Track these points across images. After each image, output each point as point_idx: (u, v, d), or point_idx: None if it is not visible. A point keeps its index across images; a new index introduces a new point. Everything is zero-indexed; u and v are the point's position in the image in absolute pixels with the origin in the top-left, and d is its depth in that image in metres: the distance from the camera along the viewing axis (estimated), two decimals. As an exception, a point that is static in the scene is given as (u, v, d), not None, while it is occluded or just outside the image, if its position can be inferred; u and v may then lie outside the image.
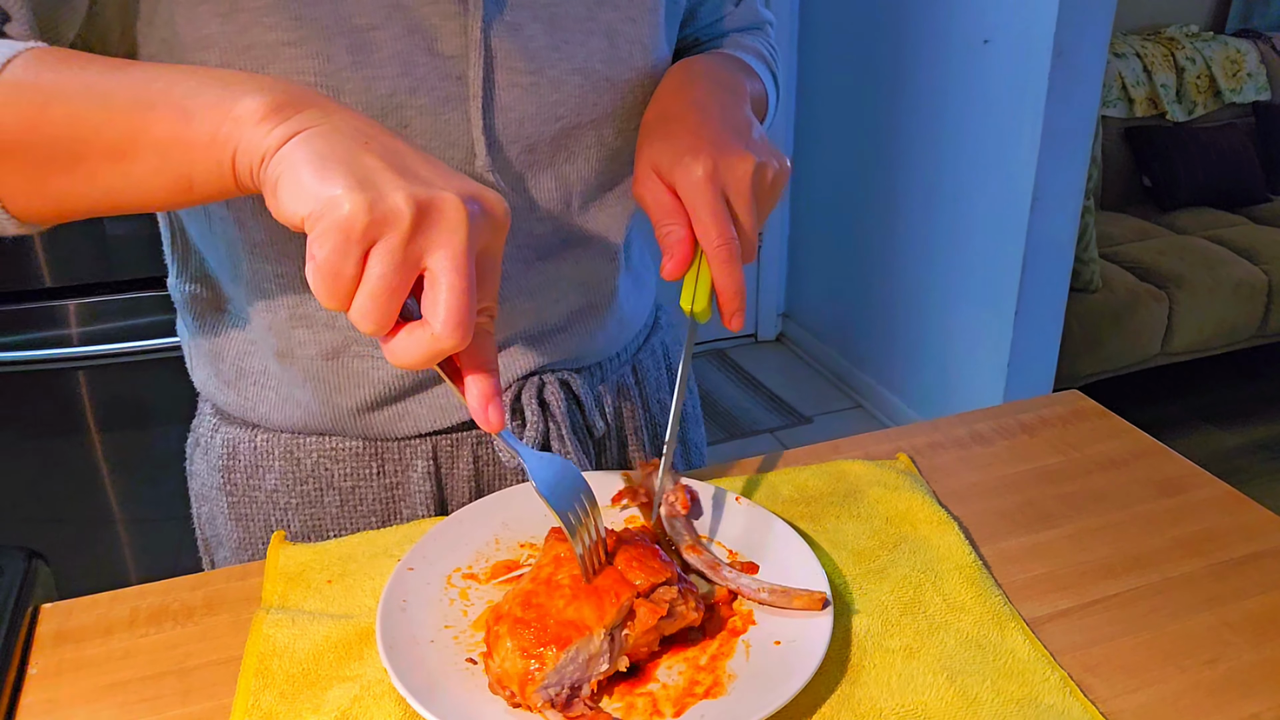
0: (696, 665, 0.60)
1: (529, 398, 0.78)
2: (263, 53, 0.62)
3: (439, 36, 0.65)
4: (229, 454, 0.81)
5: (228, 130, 0.48)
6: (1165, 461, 0.83)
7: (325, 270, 0.46)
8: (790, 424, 3.10)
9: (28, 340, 1.69)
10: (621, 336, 0.86)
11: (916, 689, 0.59)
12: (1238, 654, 0.63)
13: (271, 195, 0.47)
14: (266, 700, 0.57)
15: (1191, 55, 3.53)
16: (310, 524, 0.80)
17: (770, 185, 0.65)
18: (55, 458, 1.79)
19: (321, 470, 0.79)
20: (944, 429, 0.87)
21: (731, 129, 0.66)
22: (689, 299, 0.64)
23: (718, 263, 0.62)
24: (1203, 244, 3.20)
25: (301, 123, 0.48)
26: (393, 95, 0.64)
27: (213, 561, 0.87)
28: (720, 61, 0.77)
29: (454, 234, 0.47)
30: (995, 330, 2.59)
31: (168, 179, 0.52)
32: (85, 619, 0.66)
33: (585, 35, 0.70)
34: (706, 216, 0.62)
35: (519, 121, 0.69)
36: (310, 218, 0.46)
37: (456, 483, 0.80)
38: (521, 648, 0.55)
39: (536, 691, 0.54)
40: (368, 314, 0.47)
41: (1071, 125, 2.37)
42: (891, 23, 2.79)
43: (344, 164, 0.46)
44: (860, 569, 0.69)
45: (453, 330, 0.47)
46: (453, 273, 0.47)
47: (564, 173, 0.74)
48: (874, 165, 2.97)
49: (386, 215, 0.46)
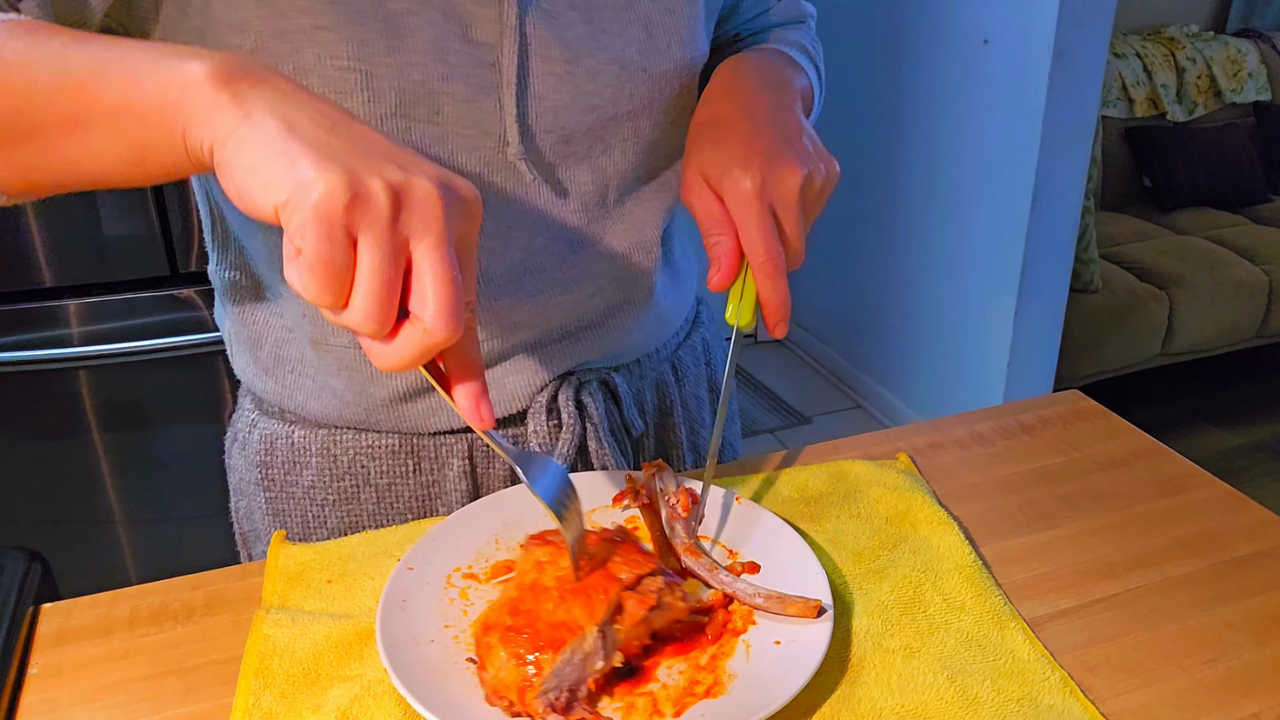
0: (697, 665, 0.60)
1: (565, 399, 0.78)
2: (297, 37, 0.61)
3: (473, 23, 0.64)
4: (266, 449, 0.81)
5: (176, 97, 0.46)
6: (1165, 462, 0.83)
7: (315, 262, 0.43)
8: (790, 424, 3.10)
9: (28, 340, 1.69)
10: (661, 333, 0.85)
11: (917, 688, 0.59)
12: (1238, 653, 0.63)
13: (233, 187, 0.45)
14: (267, 700, 0.57)
15: (1192, 55, 3.53)
16: (347, 520, 0.80)
17: (819, 193, 0.65)
18: (56, 458, 1.79)
19: (358, 467, 0.79)
20: (944, 429, 0.87)
21: (781, 137, 0.65)
22: (734, 311, 0.65)
23: (763, 277, 0.63)
24: (1203, 244, 3.19)
25: (255, 101, 0.46)
26: (425, 81, 0.64)
27: (250, 555, 0.88)
28: (768, 58, 0.76)
29: (433, 220, 0.45)
30: (995, 330, 2.59)
31: (121, 149, 0.50)
32: (85, 619, 0.66)
33: (623, 25, 0.69)
34: (754, 230, 0.62)
35: (554, 111, 0.69)
36: (284, 207, 0.43)
37: (493, 482, 0.80)
38: (516, 655, 0.54)
39: (537, 697, 0.54)
40: (370, 313, 0.44)
41: (1071, 125, 2.37)
42: (891, 23, 2.79)
43: (310, 145, 0.44)
44: (860, 569, 0.68)
45: (445, 322, 0.45)
46: (438, 261, 0.45)
47: (600, 165, 0.73)
48: (874, 165, 2.97)
49: (366, 197, 0.43)
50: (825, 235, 3.31)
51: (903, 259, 2.91)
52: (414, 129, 0.65)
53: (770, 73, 0.73)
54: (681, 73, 0.73)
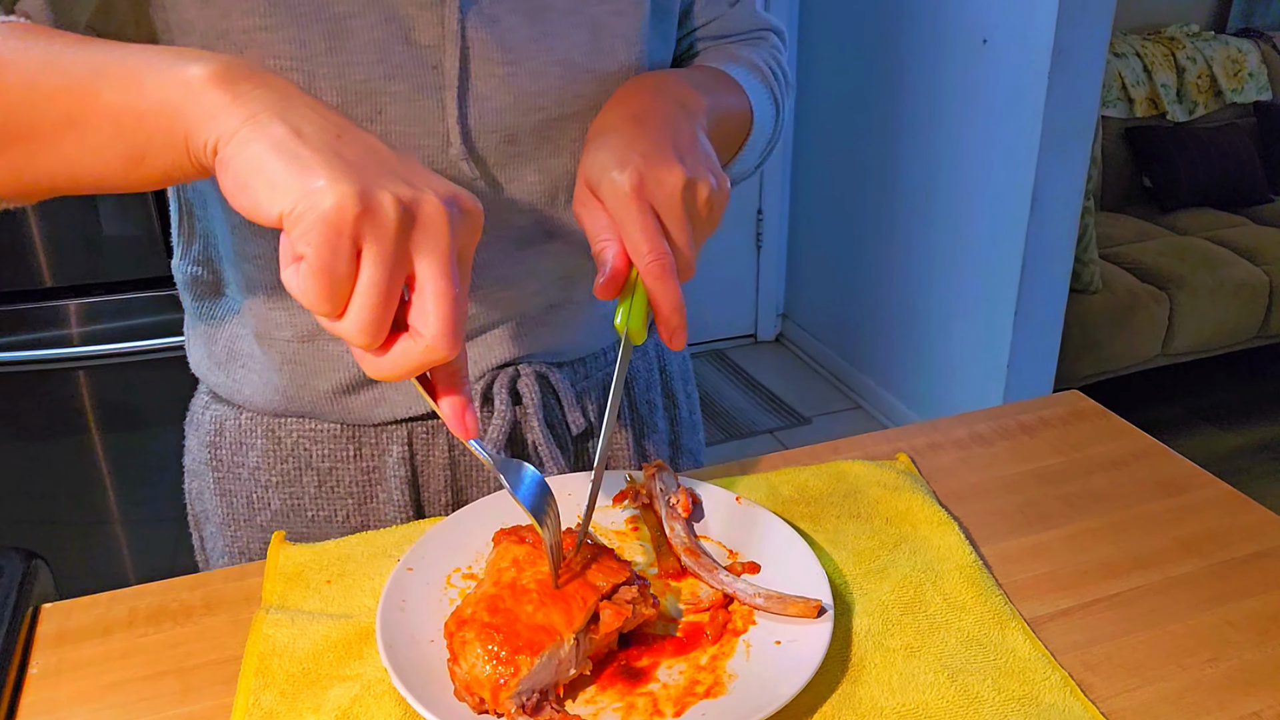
0: (697, 665, 0.60)
1: (500, 387, 0.78)
2: (240, 37, 0.63)
3: (415, 26, 0.66)
4: (216, 430, 0.82)
5: (178, 96, 0.47)
6: (1166, 462, 0.83)
7: (318, 269, 0.43)
8: (789, 424, 3.10)
9: (28, 340, 1.69)
10: (608, 334, 0.86)
11: (917, 688, 0.59)
12: (1239, 653, 0.63)
13: (233, 184, 0.45)
14: (267, 700, 0.57)
15: (1192, 55, 3.53)
16: (290, 503, 0.81)
17: (704, 205, 0.61)
18: (55, 458, 1.79)
19: (301, 450, 0.80)
20: (944, 430, 0.87)
21: (666, 141, 0.62)
22: (623, 317, 0.61)
23: (650, 277, 0.58)
24: (1203, 245, 3.19)
25: (260, 102, 0.46)
26: (367, 81, 0.65)
27: (202, 537, 0.89)
28: (683, 75, 0.74)
29: (439, 238, 0.46)
30: (995, 331, 2.59)
31: (121, 150, 0.50)
32: (85, 619, 0.66)
33: (569, 28, 0.70)
34: (634, 230, 0.59)
35: (497, 112, 0.69)
36: (291, 214, 0.43)
37: (432, 469, 0.81)
38: (493, 654, 0.54)
39: (510, 698, 0.54)
40: (364, 325, 0.45)
41: (1071, 125, 2.37)
42: (891, 23, 2.79)
43: (320, 153, 0.44)
44: (861, 569, 0.68)
45: (445, 339, 0.45)
46: (441, 279, 0.45)
47: (549, 166, 0.74)
48: (873, 165, 2.97)
49: (376, 211, 0.43)
50: (825, 235, 3.32)
51: (902, 259, 2.91)
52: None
53: (674, 88, 0.70)
54: (630, 74, 0.73)
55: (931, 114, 2.69)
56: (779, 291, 3.62)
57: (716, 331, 3.57)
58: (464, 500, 0.81)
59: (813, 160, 3.31)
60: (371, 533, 0.73)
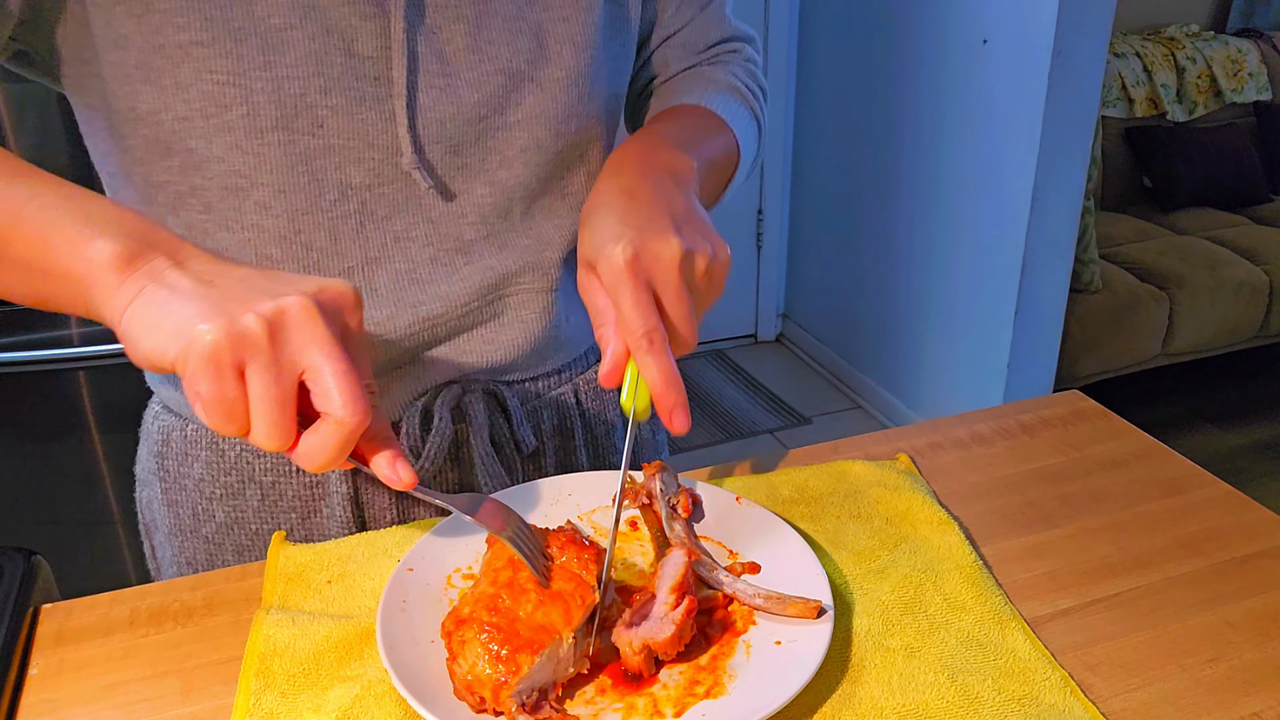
0: (697, 665, 0.60)
1: (442, 404, 0.77)
2: (175, 52, 0.63)
3: (356, 37, 0.66)
4: (163, 440, 0.82)
5: (81, 270, 0.52)
6: (1166, 462, 0.83)
7: (212, 402, 0.48)
8: (790, 425, 3.10)
9: (28, 340, 1.69)
10: (560, 355, 0.84)
11: (917, 688, 0.59)
12: (1239, 653, 0.63)
13: (133, 348, 0.50)
14: (268, 700, 0.57)
15: (1192, 55, 3.53)
16: (233, 516, 0.81)
17: (703, 276, 0.60)
18: (55, 458, 1.79)
19: (244, 464, 0.79)
20: (944, 429, 0.87)
21: (662, 213, 0.61)
22: (629, 396, 0.60)
23: (639, 352, 0.57)
24: (1203, 244, 3.20)
25: (151, 274, 0.51)
26: (304, 95, 0.65)
27: (152, 545, 0.89)
28: (668, 135, 0.72)
29: (311, 328, 0.50)
30: (995, 331, 2.59)
31: (28, 290, 0.56)
32: (85, 619, 0.66)
33: (511, 35, 0.70)
34: (626, 304, 0.58)
35: (439, 122, 0.70)
36: (178, 360, 0.48)
37: (376, 485, 0.80)
38: (493, 653, 0.55)
39: (511, 696, 0.54)
40: (269, 433, 0.49)
41: (1071, 125, 2.37)
42: (891, 23, 2.79)
43: (191, 301, 0.50)
44: (861, 569, 0.68)
45: (352, 408, 0.49)
46: (327, 359, 0.50)
47: (499, 178, 0.74)
48: (873, 165, 2.97)
49: (243, 334, 0.48)
50: (825, 235, 3.32)
51: (902, 259, 2.91)
52: (297, 142, 0.67)
53: (663, 153, 0.69)
54: (578, 80, 0.73)
55: (932, 114, 2.69)
56: (779, 291, 3.62)
57: (717, 331, 3.57)
58: (410, 517, 0.81)
59: (813, 160, 3.31)
60: (372, 533, 0.73)
